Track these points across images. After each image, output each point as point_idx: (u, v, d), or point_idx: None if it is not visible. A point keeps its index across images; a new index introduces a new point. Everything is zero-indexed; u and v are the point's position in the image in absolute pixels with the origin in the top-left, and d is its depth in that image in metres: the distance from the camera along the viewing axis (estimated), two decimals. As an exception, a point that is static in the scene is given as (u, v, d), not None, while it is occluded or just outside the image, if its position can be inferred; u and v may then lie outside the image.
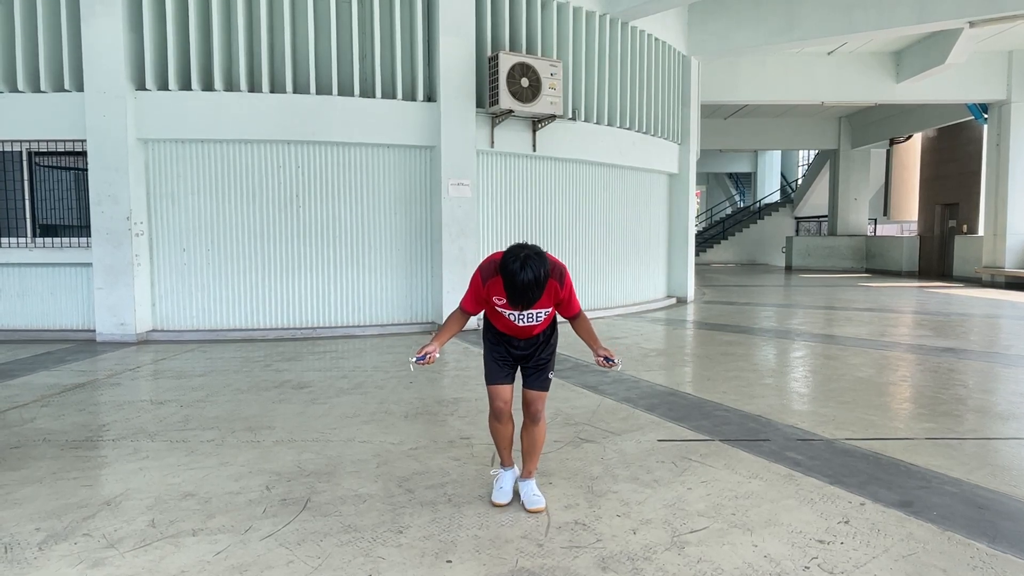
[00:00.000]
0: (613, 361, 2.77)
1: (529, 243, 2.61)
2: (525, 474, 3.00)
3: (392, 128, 7.93)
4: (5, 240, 7.62)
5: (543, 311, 2.77)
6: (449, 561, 2.43)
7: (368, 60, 7.90)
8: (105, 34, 7.10)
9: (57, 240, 7.65)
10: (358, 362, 6.26)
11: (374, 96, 7.86)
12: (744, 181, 32.60)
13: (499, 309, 2.77)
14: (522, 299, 2.54)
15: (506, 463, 3.06)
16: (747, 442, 3.80)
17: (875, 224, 23.97)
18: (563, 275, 2.74)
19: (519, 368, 2.98)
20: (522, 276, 2.47)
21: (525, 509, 2.87)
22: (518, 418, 3.03)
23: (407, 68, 8.06)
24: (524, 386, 2.96)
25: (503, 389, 2.92)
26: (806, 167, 26.79)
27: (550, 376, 2.96)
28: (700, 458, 3.53)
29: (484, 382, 2.97)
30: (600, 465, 3.43)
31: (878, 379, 5.47)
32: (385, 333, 8.01)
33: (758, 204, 28.09)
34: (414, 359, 2.68)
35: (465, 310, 2.84)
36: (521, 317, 2.76)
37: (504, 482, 3.00)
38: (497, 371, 2.93)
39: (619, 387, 5.15)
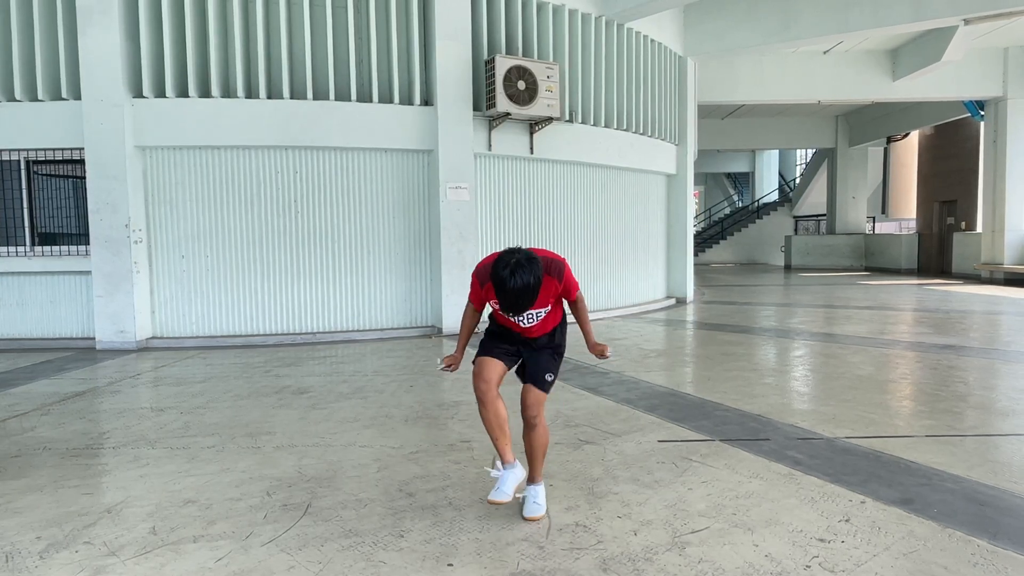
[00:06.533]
0: (605, 353, 2.92)
1: (523, 248, 2.57)
2: (531, 478, 2.87)
3: (390, 132, 7.94)
4: (4, 249, 7.63)
5: (542, 310, 2.75)
6: (450, 564, 2.43)
7: (365, 65, 7.91)
8: (102, 43, 7.11)
9: (56, 248, 7.66)
10: (358, 367, 6.26)
11: (371, 101, 7.87)
12: (742, 181, 32.61)
13: (498, 311, 2.78)
14: (513, 306, 2.53)
15: (506, 459, 2.79)
16: (747, 442, 3.80)
17: (874, 222, 23.99)
18: (562, 271, 2.72)
19: (519, 364, 2.89)
20: (511, 283, 2.45)
21: (522, 516, 2.79)
22: (517, 419, 2.90)
23: (404, 72, 8.08)
24: (523, 380, 2.84)
25: (489, 365, 2.77)
26: (804, 166, 26.81)
27: (549, 378, 2.79)
28: (701, 458, 3.53)
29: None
30: (600, 466, 3.43)
31: (878, 377, 5.47)
32: (385, 338, 8.01)
33: (756, 204, 28.10)
34: (440, 363, 2.86)
35: (473, 304, 2.88)
36: (520, 318, 2.75)
37: (504, 483, 2.74)
38: (489, 346, 2.84)
39: (619, 388, 5.15)
